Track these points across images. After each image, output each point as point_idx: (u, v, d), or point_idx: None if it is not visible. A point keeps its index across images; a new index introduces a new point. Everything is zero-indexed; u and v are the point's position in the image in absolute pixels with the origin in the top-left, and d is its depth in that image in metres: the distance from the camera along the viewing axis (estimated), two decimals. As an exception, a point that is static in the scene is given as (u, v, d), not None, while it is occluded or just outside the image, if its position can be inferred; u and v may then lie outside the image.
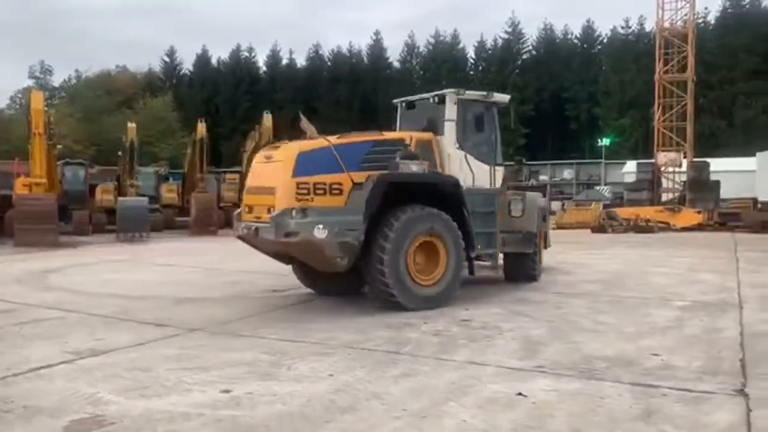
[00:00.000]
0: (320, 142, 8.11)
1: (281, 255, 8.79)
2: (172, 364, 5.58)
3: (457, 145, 9.06)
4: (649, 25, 51.30)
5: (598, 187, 42.62)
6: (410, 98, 10.25)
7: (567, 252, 16.55)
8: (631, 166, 39.04)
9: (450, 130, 9.04)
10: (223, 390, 4.85)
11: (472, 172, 9.13)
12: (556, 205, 40.92)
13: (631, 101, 54.22)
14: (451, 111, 9.07)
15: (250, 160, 30.44)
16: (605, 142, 51.71)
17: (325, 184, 7.66)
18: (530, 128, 56.09)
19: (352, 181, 7.79)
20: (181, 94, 68.13)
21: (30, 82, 65.39)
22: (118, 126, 48.63)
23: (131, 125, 24.74)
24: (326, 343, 6.40)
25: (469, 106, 9.38)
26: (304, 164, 7.66)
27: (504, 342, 6.45)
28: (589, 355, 5.90)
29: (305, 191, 7.56)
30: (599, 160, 48.66)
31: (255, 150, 28.61)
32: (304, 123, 8.87)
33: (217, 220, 24.74)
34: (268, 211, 7.81)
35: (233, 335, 6.83)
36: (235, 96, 67.99)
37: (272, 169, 8.05)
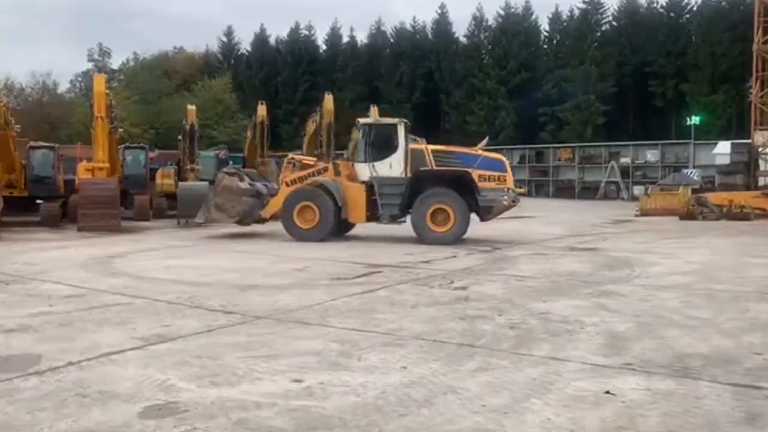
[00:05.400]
0: None
1: None
2: (240, 352, 5.76)
3: None
4: (747, -10, 48.71)
5: (686, 170, 40.95)
6: None
7: (652, 241, 16.11)
8: (723, 146, 37.37)
9: None
10: (294, 379, 4.98)
11: None
12: (638, 190, 39.80)
13: (723, 75, 51.74)
14: None
15: (311, 143, 30.66)
16: (694, 120, 49.48)
17: None
18: (610, 106, 54.44)
19: None
20: (239, 75, 69.41)
21: (89, 65, 68.06)
22: (176, 109, 50.09)
23: (191, 108, 25.26)
24: (396, 334, 6.47)
25: None
26: None
27: (587, 337, 6.36)
28: (681, 353, 5.75)
29: None
30: (687, 141, 46.53)
31: (316, 132, 29.10)
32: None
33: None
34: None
35: (300, 323, 6.99)
36: (294, 77, 68.75)
37: None
